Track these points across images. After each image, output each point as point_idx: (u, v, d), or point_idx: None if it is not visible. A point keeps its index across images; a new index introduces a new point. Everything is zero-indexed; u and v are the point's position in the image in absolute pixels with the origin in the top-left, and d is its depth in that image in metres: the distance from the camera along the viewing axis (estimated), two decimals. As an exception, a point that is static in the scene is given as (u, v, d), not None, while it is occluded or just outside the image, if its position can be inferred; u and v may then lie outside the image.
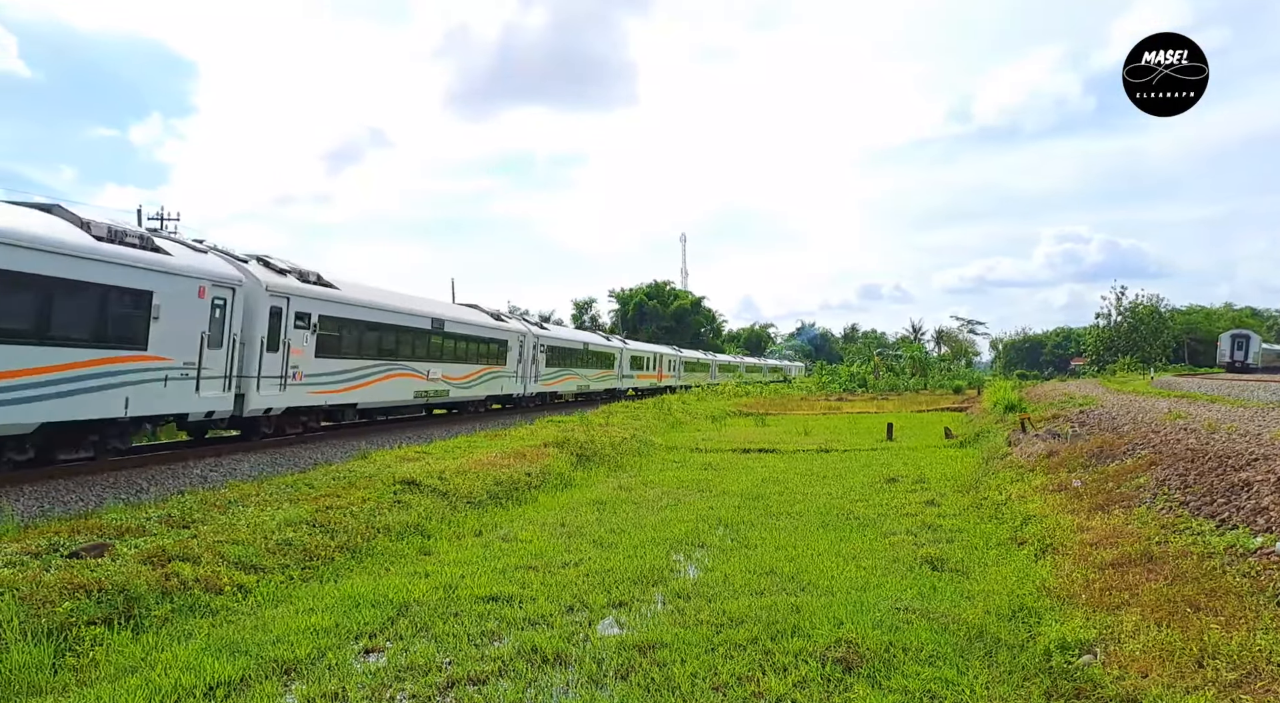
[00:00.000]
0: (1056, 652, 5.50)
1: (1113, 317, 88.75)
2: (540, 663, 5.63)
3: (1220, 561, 6.69)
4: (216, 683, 5.21)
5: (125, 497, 11.94)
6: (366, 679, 5.35)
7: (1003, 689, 5.12)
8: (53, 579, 6.52)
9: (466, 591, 7.33)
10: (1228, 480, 8.76)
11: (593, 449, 17.91)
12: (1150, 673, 4.94)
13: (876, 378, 70.61)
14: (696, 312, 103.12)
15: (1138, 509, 9.07)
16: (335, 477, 12.68)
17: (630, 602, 7.11)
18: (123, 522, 8.74)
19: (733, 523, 10.68)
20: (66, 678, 5.40)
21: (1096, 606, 6.32)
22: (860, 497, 12.70)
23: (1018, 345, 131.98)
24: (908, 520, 10.69)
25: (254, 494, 10.87)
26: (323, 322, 18.75)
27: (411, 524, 10.20)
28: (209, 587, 7.16)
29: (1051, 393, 35.26)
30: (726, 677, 5.33)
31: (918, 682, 5.19)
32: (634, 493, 13.10)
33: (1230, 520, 7.59)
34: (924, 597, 7.04)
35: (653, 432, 24.41)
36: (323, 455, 17.24)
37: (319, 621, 6.43)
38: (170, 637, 6.16)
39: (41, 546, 7.44)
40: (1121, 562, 7.27)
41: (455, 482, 12.34)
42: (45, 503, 11.22)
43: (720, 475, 15.29)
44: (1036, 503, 10.70)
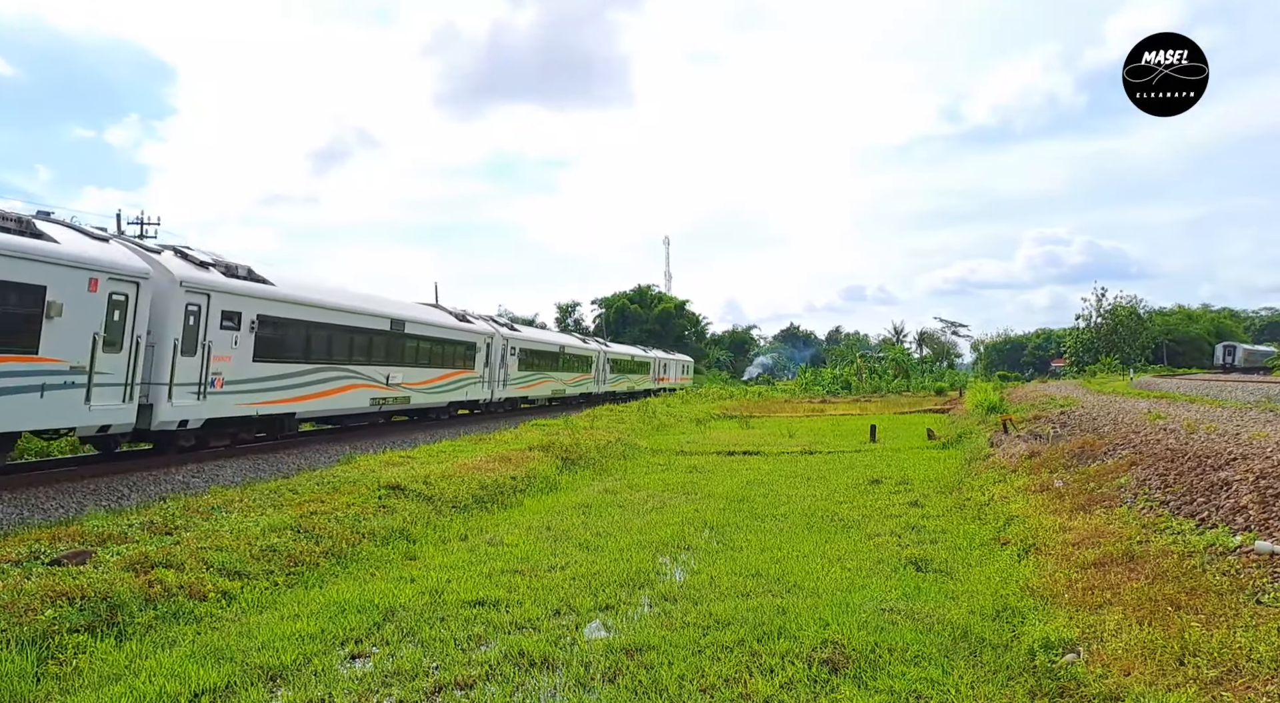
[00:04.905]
0: (1040, 651, 5.55)
1: (1093, 318, 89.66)
2: (527, 667, 5.63)
3: (1200, 559, 6.76)
4: (201, 690, 5.18)
5: (106, 503, 11.83)
6: (352, 685, 5.32)
7: (987, 689, 5.16)
8: (34, 587, 6.45)
9: (453, 595, 7.31)
10: (1207, 480, 8.86)
11: (578, 453, 17.89)
12: (1133, 671, 4.99)
13: (860, 380, 70.96)
14: (680, 315, 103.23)
15: (1119, 509, 9.16)
16: (319, 482, 12.61)
17: (617, 605, 7.11)
18: (104, 529, 8.67)
19: (718, 525, 10.70)
20: (49, 687, 5.35)
21: (1079, 605, 6.39)
22: (844, 498, 12.76)
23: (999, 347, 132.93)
24: (892, 522, 10.74)
25: (237, 500, 10.80)
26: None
27: (397, 529, 10.16)
28: (193, 594, 7.10)
29: (1033, 394, 35.55)
30: (714, 679, 5.34)
31: (903, 682, 5.22)
32: (620, 496, 13.10)
33: (1210, 520, 7.68)
34: (909, 598, 7.08)
35: (637, 435, 24.41)
36: (307, 461, 17.14)
37: (304, 627, 6.39)
38: (154, 644, 6.11)
39: (22, 553, 7.38)
40: (1103, 561, 7.35)
41: (440, 486, 12.30)
42: (25, 510, 11.10)
43: (705, 478, 15.31)
44: (1019, 504, 10.78)
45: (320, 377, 19.40)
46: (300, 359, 18.59)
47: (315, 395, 19.15)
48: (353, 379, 20.84)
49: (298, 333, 18.56)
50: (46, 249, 12.04)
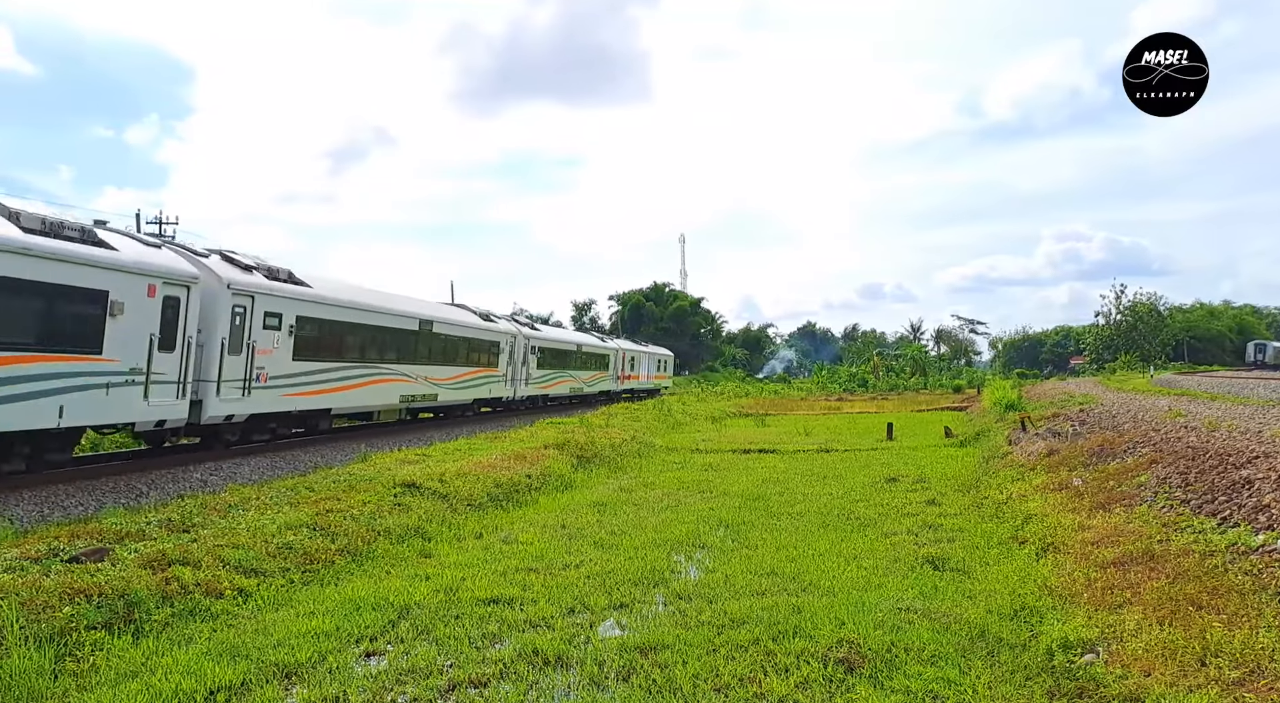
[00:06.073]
0: (1059, 651, 5.50)
1: (1112, 315, 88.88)
2: (541, 665, 5.62)
3: (1222, 559, 6.68)
4: (217, 687, 5.20)
5: (125, 501, 11.93)
6: (367, 683, 5.33)
7: (1005, 689, 5.11)
8: (53, 584, 6.50)
9: (467, 593, 7.32)
10: (1229, 478, 8.75)
11: (593, 451, 17.90)
12: (1153, 672, 4.93)
13: (876, 378, 70.68)
14: (695, 313, 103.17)
15: (1139, 508, 9.07)
16: (335, 480, 12.67)
17: (631, 603, 7.09)
18: (122, 526, 8.72)
19: (733, 524, 10.67)
20: (67, 683, 5.39)
21: (1098, 605, 6.32)
22: (861, 497, 12.70)
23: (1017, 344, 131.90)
24: (908, 520, 10.68)
25: (254, 498, 10.85)
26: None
27: (412, 527, 10.19)
28: (209, 591, 7.14)
29: (1051, 392, 35.30)
30: (728, 678, 5.32)
31: (920, 682, 5.18)
32: (634, 494, 13.09)
33: (1232, 518, 7.58)
34: (925, 597, 7.03)
35: (653, 433, 24.41)
36: (323, 459, 17.22)
37: (320, 624, 6.41)
38: (171, 641, 6.14)
39: (41, 550, 7.43)
40: (1123, 561, 7.27)
41: (455, 484, 12.33)
42: (44, 508, 11.21)
43: (721, 476, 15.28)
44: (1037, 502, 10.70)
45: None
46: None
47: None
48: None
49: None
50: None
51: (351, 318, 20.04)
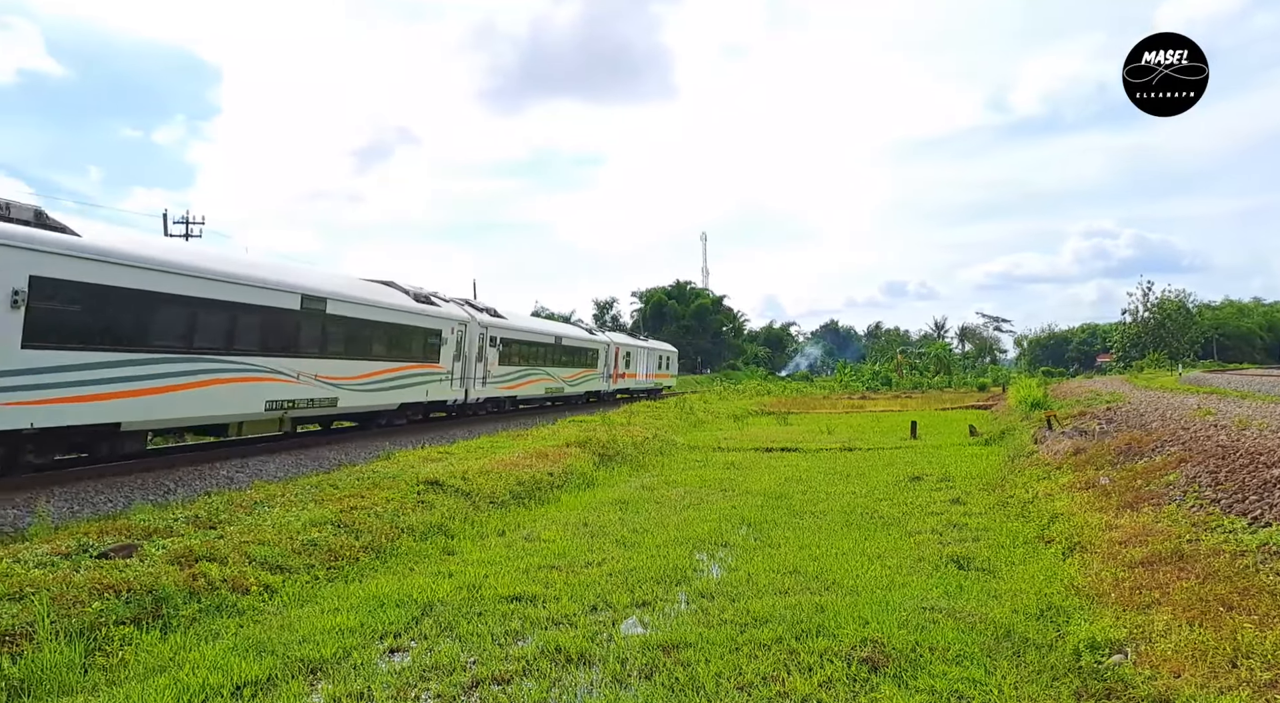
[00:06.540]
0: (1086, 651, 5.44)
1: (1140, 313, 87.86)
2: (564, 663, 5.63)
3: (1253, 559, 6.58)
4: (243, 683, 5.25)
5: (153, 498, 12.08)
6: (391, 679, 5.37)
7: (1032, 689, 5.06)
8: (82, 580, 6.60)
9: (490, 590, 7.34)
10: (1260, 478, 8.62)
11: (615, 449, 17.91)
12: (1183, 673, 4.86)
13: (900, 376, 70.18)
14: (717, 311, 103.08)
15: (1167, 507, 8.94)
16: (359, 477, 12.76)
17: (654, 601, 7.09)
18: (150, 523, 8.83)
19: (756, 522, 10.64)
20: (96, 678, 5.46)
21: (1126, 605, 6.24)
22: (884, 495, 12.61)
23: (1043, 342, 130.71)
24: (933, 519, 10.60)
25: (279, 495, 10.95)
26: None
27: (435, 524, 10.25)
28: (236, 587, 7.22)
29: (1077, 390, 34.93)
30: (751, 677, 5.30)
31: (945, 682, 5.13)
32: (656, 492, 13.08)
33: (1263, 518, 7.46)
34: (950, 596, 6.97)
35: (675, 431, 24.40)
36: (347, 456, 17.35)
37: (344, 620, 6.46)
38: (198, 637, 6.22)
39: (71, 546, 7.54)
40: (1151, 560, 7.18)
41: (478, 482, 12.38)
42: (75, 504, 11.37)
43: (743, 474, 15.24)
44: (1064, 501, 10.58)
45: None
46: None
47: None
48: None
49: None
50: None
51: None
